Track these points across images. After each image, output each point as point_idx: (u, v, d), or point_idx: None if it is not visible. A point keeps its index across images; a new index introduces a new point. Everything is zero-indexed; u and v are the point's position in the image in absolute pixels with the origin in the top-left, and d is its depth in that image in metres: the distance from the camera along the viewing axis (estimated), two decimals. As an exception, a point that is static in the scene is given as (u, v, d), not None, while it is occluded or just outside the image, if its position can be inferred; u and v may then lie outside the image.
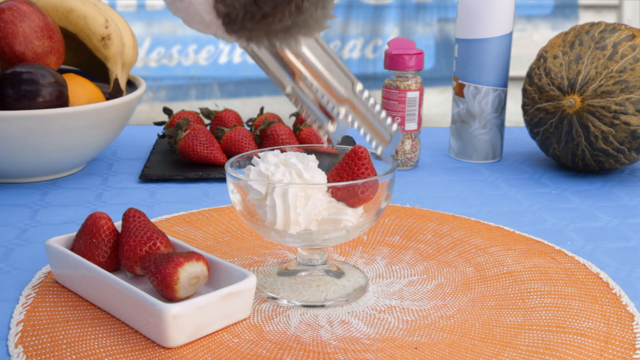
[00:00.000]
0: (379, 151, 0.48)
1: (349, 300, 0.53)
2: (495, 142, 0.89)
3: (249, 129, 0.89)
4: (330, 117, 0.45)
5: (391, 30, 1.35)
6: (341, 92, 0.46)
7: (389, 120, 0.48)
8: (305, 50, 0.44)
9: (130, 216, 0.53)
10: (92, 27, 0.84)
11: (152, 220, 0.67)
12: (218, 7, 0.40)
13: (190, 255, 0.49)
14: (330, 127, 0.45)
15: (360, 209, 0.51)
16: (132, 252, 0.51)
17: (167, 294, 0.48)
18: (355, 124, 0.47)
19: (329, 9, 0.41)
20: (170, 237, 0.54)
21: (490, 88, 0.87)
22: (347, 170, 0.51)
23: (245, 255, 0.61)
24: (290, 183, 0.50)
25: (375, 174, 0.51)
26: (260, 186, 0.50)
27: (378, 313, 0.51)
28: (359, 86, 0.46)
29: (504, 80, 0.88)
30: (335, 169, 0.52)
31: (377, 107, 0.47)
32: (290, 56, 0.44)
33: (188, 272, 0.48)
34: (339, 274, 0.56)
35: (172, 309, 0.44)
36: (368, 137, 0.47)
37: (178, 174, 0.80)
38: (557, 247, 0.62)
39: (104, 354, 0.45)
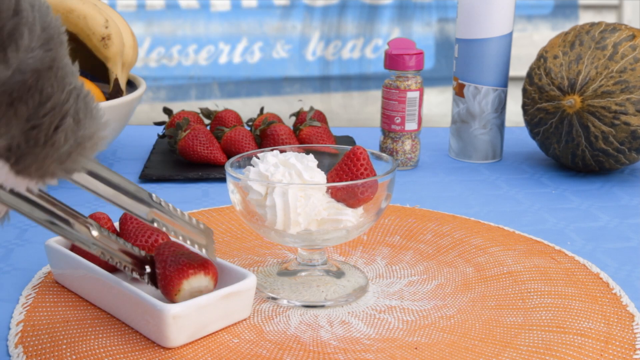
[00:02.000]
0: (203, 253, 0.46)
1: (349, 300, 0.53)
2: (495, 142, 0.89)
3: (249, 129, 0.89)
4: (142, 263, 0.45)
5: (391, 30, 1.35)
6: (143, 208, 0.44)
7: (195, 220, 0.46)
8: (89, 179, 0.42)
9: (128, 219, 0.53)
10: (92, 27, 0.84)
11: (152, 220, 0.67)
12: (6, 145, 0.34)
13: (201, 267, 0.47)
14: (147, 269, 0.45)
15: (360, 209, 0.51)
16: None
17: (166, 296, 0.47)
18: (172, 232, 0.45)
19: (101, 117, 0.38)
20: (170, 238, 0.54)
21: (490, 88, 0.87)
22: (346, 170, 0.51)
23: (245, 255, 0.61)
24: (290, 183, 0.50)
25: (375, 174, 0.51)
26: (260, 186, 0.50)
27: (378, 313, 0.51)
28: (154, 195, 0.44)
29: (504, 80, 0.88)
30: (335, 169, 0.52)
31: (179, 211, 0.45)
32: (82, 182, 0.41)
33: (192, 286, 0.47)
34: (339, 274, 0.56)
35: (172, 309, 0.44)
36: (188, 242, 0.46)
37: (178, 174, 0.80)
38: (557, 247, 0.62)
39: (104, 354, 0.45)
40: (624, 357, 0.45)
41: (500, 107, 0.88)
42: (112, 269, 0.53)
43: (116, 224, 0.55)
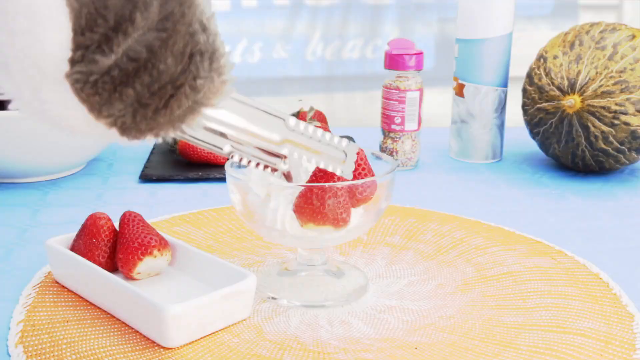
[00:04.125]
0: (338, 172, 0.46)
1: (349, 300, 0.53)
2: (495, 142, 0.89)
3: (249, 129, 0.89)
4: (278, 155, 0.44)
5: (391, 30, 1.35)
6: (275, 137, 0.43)
7: (336, 139, 0.46)
8: (223, 113, 0.40)
9: (125, 221, 0.53)
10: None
11: (153, 220, 0.67)
12: (111, 121, 0.33)
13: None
14: (283, 165, 0.44)
15: (360, 209, 0.51)
16: (126, 260, 0.51)
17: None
18: (305, 158, 0.45)
19: (225, 74, 0.36)
20: (170, 237, 0.55)
21: (491, 88, 0.87)
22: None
23: (245, 255, 0.61)
24: (289, 184, 0.50)
25: (373, 174, 0.51)
26: (260, 188, 0.50)
27: (378, 313, 0.51)
28: (292, 120, 0.43)
29: (504, 80, 0.88)
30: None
31: (319, 132, 0.45)
32: (210, 124, 0.40)
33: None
34: (339, 274, 0.56)
35: (172, 309, 0.44)
36: (322, 165, 0.46)
37: (178, 174, 0.80)
38: (557, 247, 0.62)
39: (104, 354, 0.45)
40: (624, 357, 0.45)
41: (500, 107, 0.88)
42: (112, 269, 0.53)
43: (117, 224, 0.55)
